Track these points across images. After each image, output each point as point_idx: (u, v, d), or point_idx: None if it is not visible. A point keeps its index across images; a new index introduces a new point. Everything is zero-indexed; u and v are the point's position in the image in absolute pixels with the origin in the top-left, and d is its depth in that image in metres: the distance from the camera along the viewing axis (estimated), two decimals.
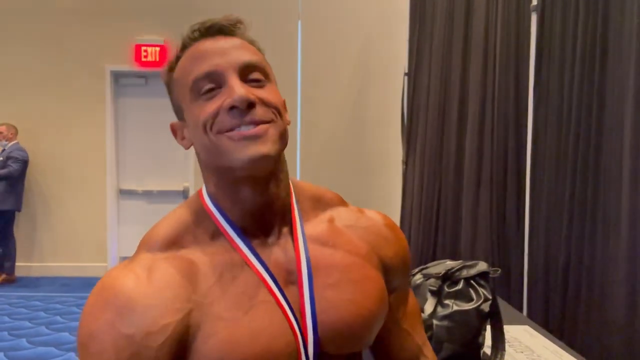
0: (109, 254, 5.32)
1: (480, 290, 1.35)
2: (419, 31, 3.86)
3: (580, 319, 1.97)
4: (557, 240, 2.21)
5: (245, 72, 0.69)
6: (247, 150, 0.65)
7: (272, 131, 0.67)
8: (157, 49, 5.20)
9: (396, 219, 4.03)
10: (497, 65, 2.90)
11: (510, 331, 1.62)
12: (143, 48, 5.19)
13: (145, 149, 5.42)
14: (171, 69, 0.75)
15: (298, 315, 0.71)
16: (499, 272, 1.40)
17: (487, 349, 1.40)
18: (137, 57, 5.21)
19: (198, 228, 0.72)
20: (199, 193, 0.76)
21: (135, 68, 5.24)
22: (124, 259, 5.41)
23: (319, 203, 0.81)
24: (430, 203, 3.49)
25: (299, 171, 5.07)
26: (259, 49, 0.75)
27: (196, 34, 0.72)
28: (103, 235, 5.31)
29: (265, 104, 0.68)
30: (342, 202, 0.84)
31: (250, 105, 0.66)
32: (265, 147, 0.66)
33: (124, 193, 5.44)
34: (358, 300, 0.74)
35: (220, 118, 0.66)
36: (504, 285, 2.65)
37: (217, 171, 0.71)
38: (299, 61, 5.13)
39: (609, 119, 1.87)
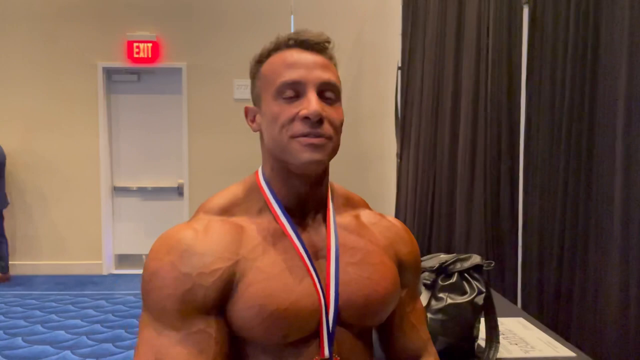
0: (104, 252, 5.31)
1: (474, 283, 1.36)
2: (411, 25, 3.86)
3: (574, 310, 1.99)
4: (550, 232, 2.22)
5: (322, 89, 0.83)
6: (307, 155, 0.80)
7: (328, 145, 0.82)
8: (149, 44, 5.17)
9: (391, 212, 4.03)
10: (489, 58, 2.90)
11: (505, 323, 1.63)
12: (135, 44, 5.16)
13: (139, 146, 5.40)
14: (260, 61, 0.88)
15: (323, 284, 0.84)
16: (492, 265, 1.41)
17: (481, 341, 1.41)
18: (129, 54, 5.18)
19: (248, 202, 0.87)
20: (256, 173, 0.91)
21: (128, 64, 5.21)
22: (119, 256, 5.43)
23: (349, 202, 0.97)
24: (425, 196, 3.50)
25: None
26: (335, 64, 0.89)
27: (291, 42, 0.86)
28: (98, 233, 5.29)
29: (330, 122, 0.82)
30: (368, 206, 1.00)
31: (320, 120, 0.80)
32: (320, 155, 0.81)
33: (118, 190, 5.42)
34: (375, 279, 0.87)
35: (294, 124, 0.81)
36: (499, 278, 2.67)
37: (277, 159, 0.85)
38: None
39: (602, 111, 1.88)
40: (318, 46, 0.86)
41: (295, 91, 0.82)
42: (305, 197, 0.87)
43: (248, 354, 0.82)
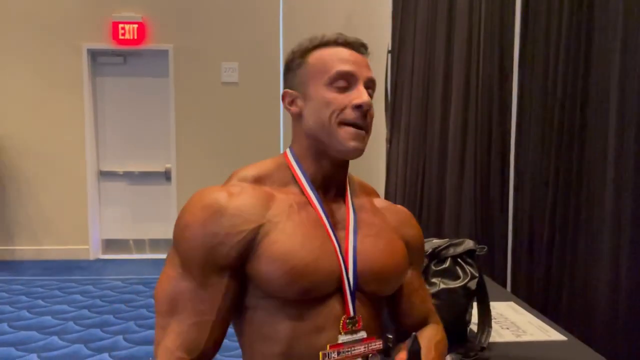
0: (91, 237, 5.26)
1: (467, 268, 1.36)
2: (402, 8, 3.82)
3: (564, 294, 2.00)
4: (541, 216, 2.23)
5: (367, 85, 0.95)
6: (353, 143, 0.92)
7: (366, 138, 0.95)
8: (135, 26, 5.07)
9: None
10: (481, 42, 2.88)
11: (496, 308, 1.64)
12: (120, 25, 5.06)
13: (126, 130, 5.32)
14: (304, 53, 0.97)
15: (342, 251, 0.93)
16: (485, 249, 1.40)
17: (473, 326, 1.41)
18: (115, 35, 5.08)
19: (277, 175, 0.97)
20: (285, 152, 1.01)
21: (113, 46, 5.11)
22: (106, 241, 5.38)
23: (364, 189, 1.08)
24: (415, 181, 3.49)
25: (282, 151, 5.02)
26: None
27: (340, 40, 0.97)
28: (84, 218, 5.23)
29: (371, 115, 0.95)
30: (378, 195, 1.12)
31: (367, 111, 0.93)
32: (362, 145, 0.94)
33: (105, 175, 5.35)
34: (390, 252, 0.97)
35: (346, 112, 0.92)
36: (488, 262, 2.67)
37: (316, 140, 0.95)
38: (281, 39, 5.06)
39: (595, 94, 1.87)
40: (362, 49, 0.99)
41: (348, 82, 0.93)
42: (330, 177, 0.98)
43: (269, 311, 0.90)
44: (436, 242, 1.40)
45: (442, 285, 1.33)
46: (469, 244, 1.37)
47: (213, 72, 5.15)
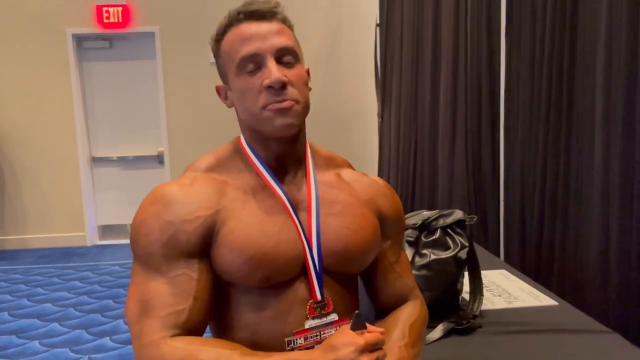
0: (87, 223, 5.25)
1: (457, 238, 1.37)
2: None
3: (556, 260, 2.02)
4: (532, 184, 2.24)
5: (280, 55, 0.87)
6: (279, 120, 0.86)
7: (297, 107, 0.87)
8: (120, 9, 4.98)
9: (373, 172, 4.03)
10: (469, 12, 2.85)
11: (488, 276, 1.66)
12: (104, 9, 4.97)
13: (116, 115, 5.27)
14: (218, 40, 0.93)
15: (305, 233, 0.89)
16: (475, 219, 1.41)
17: (465, 294, 1.43)
18: (99, 19, 5.00)
19: (232, 162, 0.93)
20: (239, 137, 0.97)
21: (98, 30, 5.03)
22: (103, 227, 5.38)
23: (331, 162, 1.02)
24: (407, 154, 3.50)
25: None
26: (290, 26, 0.92)
27: (241, 16, 0.89)
28: (79, 205, 5.22)
29: (293, 84, 0.87)
30: (351, 166, 1.05)
31: (283, 85, 0.85)
32: (290, 119, 0.86)
33: (97, 160, 5.33)
34: (354, 229, 0.92)
35: (261, 95, 0.86)
36: (481, 231, 2.70)
37: (253, 129, 0.91)
38: None
39: (581, 62, 1.87)
40: (268, 14, 0.89)
41: (255, 63, 0.86)
42: (284, 156, 0.93)
43: (232, 297, 0.89)
44: (426, 213, 1.41)
45: (433, 256, 1.34)
46: (458, 214, 1.38)
47: (201, 52, 5.09)
